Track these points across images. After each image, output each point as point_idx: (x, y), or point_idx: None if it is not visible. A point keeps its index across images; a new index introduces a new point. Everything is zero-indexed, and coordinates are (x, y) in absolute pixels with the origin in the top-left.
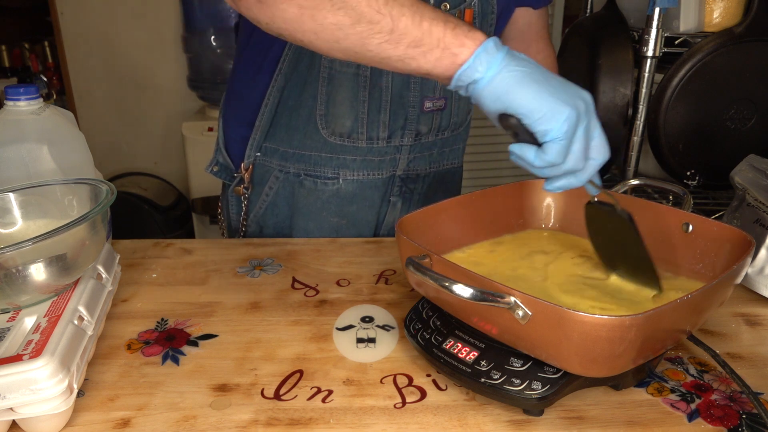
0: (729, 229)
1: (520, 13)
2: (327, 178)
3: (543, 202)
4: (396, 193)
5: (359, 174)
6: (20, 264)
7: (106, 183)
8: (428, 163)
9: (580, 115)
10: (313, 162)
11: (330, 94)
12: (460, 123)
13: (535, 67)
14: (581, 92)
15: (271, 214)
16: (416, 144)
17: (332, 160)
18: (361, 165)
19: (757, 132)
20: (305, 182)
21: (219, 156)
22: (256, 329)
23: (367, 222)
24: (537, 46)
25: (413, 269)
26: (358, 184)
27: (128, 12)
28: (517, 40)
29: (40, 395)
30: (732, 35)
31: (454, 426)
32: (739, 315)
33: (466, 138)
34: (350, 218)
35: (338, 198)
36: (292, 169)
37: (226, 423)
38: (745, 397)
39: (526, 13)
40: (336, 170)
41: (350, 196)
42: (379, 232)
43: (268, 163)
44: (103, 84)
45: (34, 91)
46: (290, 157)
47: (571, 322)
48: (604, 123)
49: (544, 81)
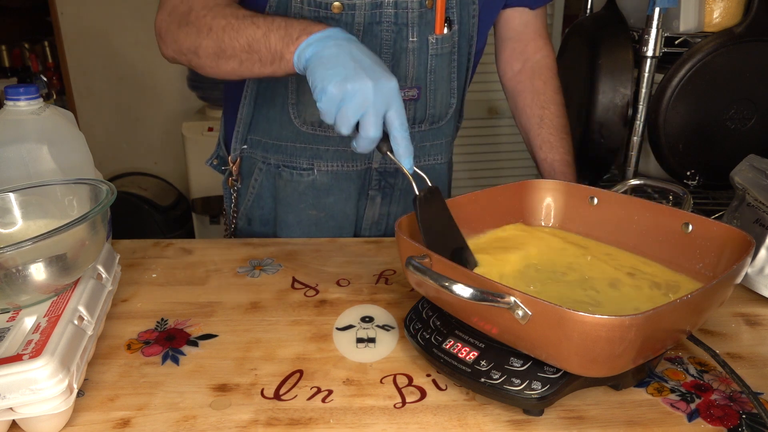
0: (729, 229)
1: (516, 13)
2: (302, 169)
3: (543, 201)
4: (375, 187)
5: (333, 165)
6: (20, 264)
7: (106, 183)
8: None
9: (352, 92)
10: (289, 153)
11: (299, 83)
12: (440, 117)
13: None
14: (366, 80)
15: (257, 207)
16: None
17: (306, 151)
18: (334, 155)
19: (757, 132)
20: (283, 173)
21: (219, 150)
22: (256, 329)
23: (345, 215)
24: (535, 45)
25: (413, 269)
26: (333, 176)
27: (128, 12)
28: (514, 40)
29: (40, 395)
30: (732, 35)
31: (454, 426)
32: (739, 315)
33: (450, 134)
34: (328, 210)
35: (314, 189)
36: (272, 161)
37: (226, 423)
38: (745, 397)
39: (522, 13)
40: (310, 161)
41: (326, 188)
42: (360, 226)
43: (254, 155)
44: (103, 84)
45: (34, 91)
46: (270, 148)
47: (571, 322)
48: (604, 123)
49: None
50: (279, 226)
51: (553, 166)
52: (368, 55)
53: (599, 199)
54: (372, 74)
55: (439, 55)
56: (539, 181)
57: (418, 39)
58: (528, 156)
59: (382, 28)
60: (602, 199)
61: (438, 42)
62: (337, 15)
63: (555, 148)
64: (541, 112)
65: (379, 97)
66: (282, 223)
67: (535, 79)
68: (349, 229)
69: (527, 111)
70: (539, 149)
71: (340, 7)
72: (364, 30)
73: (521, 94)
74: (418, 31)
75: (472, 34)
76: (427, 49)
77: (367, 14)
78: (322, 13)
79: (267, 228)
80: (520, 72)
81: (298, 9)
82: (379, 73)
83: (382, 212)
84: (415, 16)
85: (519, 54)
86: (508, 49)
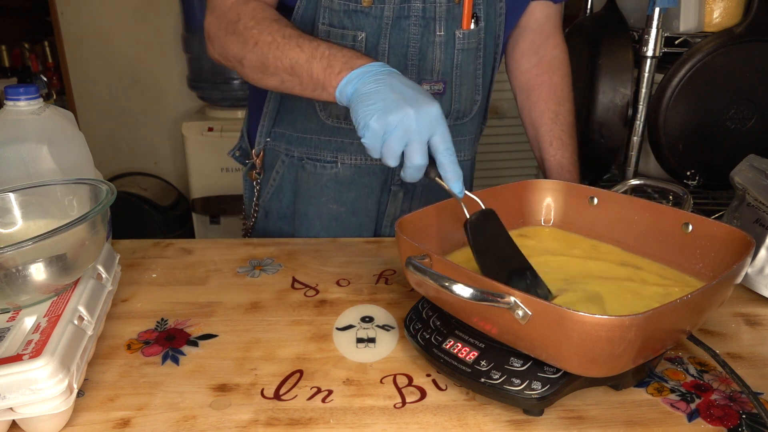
0: (729, 229)
1: (540, 6)
2: (326, 161)
3: (543, 201)
4: (397, 183)
5: (357, 159)
6: (20, 264)
7: (106, 183)
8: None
9: (394, 123)
10: (314, 145)
11: None
12: (464, 113)
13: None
14: (408, 108)
15: (276, 200)
16: None
17: (331, 144)
18: (358, 149)
19: (757, 132)
20: (306, 166)
21: (242, 141)
22: (256, 329)
23: (366, 211)
24: (554, 41)
25: (413, 269)
26: (356, 170)
27: (128, 12)
28: (537, 32)
29: (40, 395)
30: (732, 35)
31: (454, 426)
32: (739, 315)
33: (474, 132)
34: (349, 205)
35: (336, 183)
36: (296, 153)
37: (226, 423)
38: (745, 397)
39: (545, 6)
40: (334, 153)
41: (348, 182)
42: (381, 223)
43: (277, 147)
44: (103, 84)
45: (34, 91)
46: (294, 140)
47: (571, 322)
48: (604, 123)
49: (378, 98)
50: (298, 219)
51: (561, 165)
52: (410, 85)
53: (599, 199)
54: (413, 103)
55: (466, 50)
56: (539, 181)
57: (445, 33)
58: (528, 156)
59: (410, 22)
60: (602, 199)
61: (465, 37)
62: (367, 9)
63: (566, 146)
64: (557, 108)
65: (422, 124)
66: (302, 217)
67: (554, 74)
68: (369, 226)
69: (541, 105)
70: (549, 145)
71: (370, 1)
72: (392, 24)
73: (536, 88)
74: (445, 25)
75: (499, 32)
76: (453, 44)
77: (396, 8)
78: (352, 6)
79: (283, 222)
80: (538, 65)
81: (328, 3)
82: (421, 101)
83: (404, 208)
84: (442, 11)
85: (538, 47)
86: (527, 40)
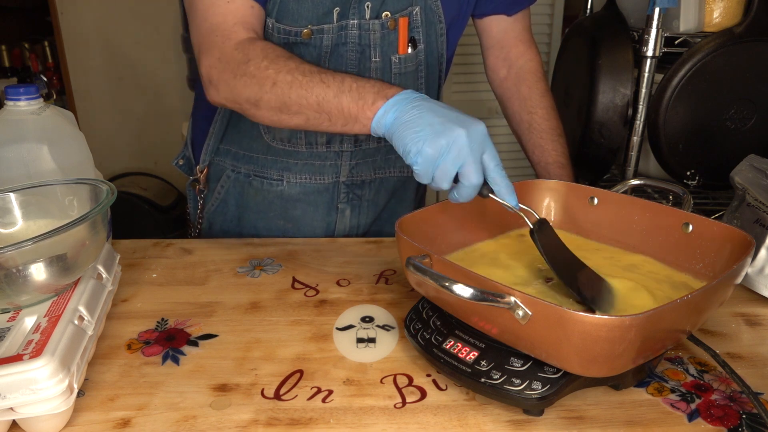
0: (729, 229)
1: (494, 21)
2: (272, 179)
3: (543, 201)
4: (343, 200)
5: (302, 178)
6: (20, 264)
7: (106, 183)
8: (372, 170)
9: (447, 146)
10: (260, 164)
11: None
12: None
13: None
14: (458, 129)
15: (220, 212)
16: (357, 150)
17: (276, 163)
18: (303, 169)
19: (757, 132)
20: (254, 182)
21: (186, 150)
22: (256, 329)
23: (313, 229)
24: (517, 50)
25: (413, 269)
26: (302, 188)
27: (128, 12)
28: (496, 47)
29: (40, 395)
30: (732, 35)
31: (454, 426)
32: (739, 315)
33: None
34: (295, 223)
35: (282, 200)
36: (243, 170)
37: (226, 423)
38: (745, 397)
39: (500, 20)
40: (280, 173)
41: (294, 200)
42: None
43: (222, 163)
44: (103, 84)
45: (34, 91)
46: (241, 158)
47: (571, 322)
48: (604, 123)
49: (422, 123)
50: (248, 232)
51: (547, 169)
52: (449, 108)
53: (599, 199)
54: (461, 123)
55: (403, 74)
56: (539, 181)
57: (381, 59)
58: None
59: (348, 48)
60: (602, 199)
61: (401, 61)
62: (307, 40)
63: (547, 152)
64: (530, 117)
65: (474, 143)
66: (252, 230)
67: (521, 85)
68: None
69: (516, 117)
70: (532, 153)
71: (309, 33)
72: (330, 51)
73: (509, 101)
74: (381, 51)
75: (441, 51)
76: (390, 69)
77: (334, 36)
78: (292, 39)
79: (227, 235)
80: (506, 78)
81: (269, 36)
82: (468, 121)
83: (352, 224)
84: (377, 37)
85: (503, 61)
86: (491, 57)
